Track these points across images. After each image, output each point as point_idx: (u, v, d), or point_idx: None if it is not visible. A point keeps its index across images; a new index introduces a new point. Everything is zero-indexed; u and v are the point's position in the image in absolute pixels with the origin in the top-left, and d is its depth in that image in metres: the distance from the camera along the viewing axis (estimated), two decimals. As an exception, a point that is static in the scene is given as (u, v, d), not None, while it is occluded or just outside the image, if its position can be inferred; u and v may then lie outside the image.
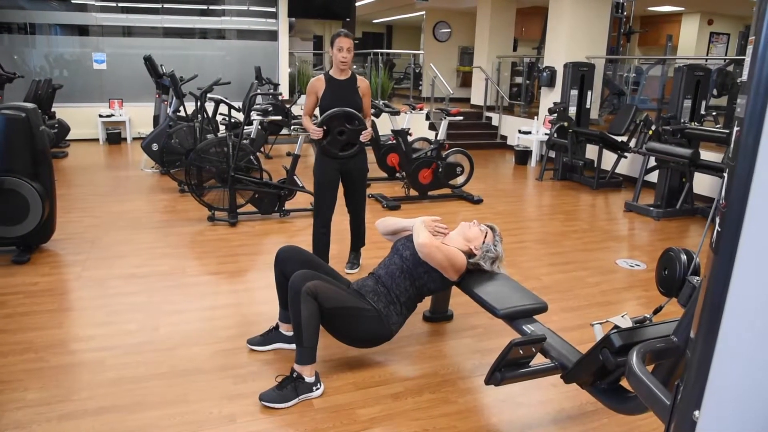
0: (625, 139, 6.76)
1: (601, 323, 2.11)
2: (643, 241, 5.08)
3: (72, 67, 9.38)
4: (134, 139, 9.32)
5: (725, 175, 1.16)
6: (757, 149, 1.04)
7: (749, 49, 1.10)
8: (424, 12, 13.52)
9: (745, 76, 1.12)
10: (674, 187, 5.77)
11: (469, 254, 2.80)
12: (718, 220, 1.16)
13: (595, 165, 6.94)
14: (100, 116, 9.02)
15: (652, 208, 5.71)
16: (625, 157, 6.83)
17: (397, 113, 5.89)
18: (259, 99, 8.45)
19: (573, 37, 8.15)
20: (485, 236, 2.85)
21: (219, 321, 3.14)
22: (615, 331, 1.78)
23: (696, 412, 1.21)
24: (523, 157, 8.50)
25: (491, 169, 8.20)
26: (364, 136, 3.48)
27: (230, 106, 5.09)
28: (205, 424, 2.24)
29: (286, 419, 2.30)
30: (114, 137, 9.05)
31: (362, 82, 3.54)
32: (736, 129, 1.12)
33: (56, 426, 2.19)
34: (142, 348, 2.80)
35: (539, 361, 2.27)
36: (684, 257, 1.74)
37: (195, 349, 2.81)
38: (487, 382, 2.14)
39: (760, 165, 1.05)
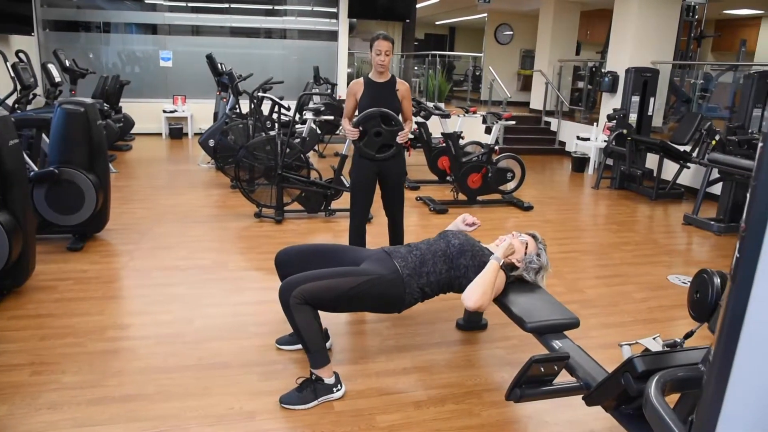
0: (688, 148, 6.43)
1: (630, 344, 2.00)
2: (701, 257, 4.81)
3: (141, 64, 9.82)
4: (195, 134, 9.64)
5: (748, 196, 1.07)
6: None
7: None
8: (486, 14, 13.32)
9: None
10: (739, 201, 5.42)
11: (511, 267, 2.71)
12: (737, 246, 1.07)
13: (655, 175, 6.63)
14: (164, 112, 9.38)
15: (713, 222, 5.40)
16: (688, 167, 6.49)
17: (448, 116, 5.82)
18: (316, 98, 8.56)
19: (638, 42, 7.81)
20: (526, 247, 2.74)
21: (253, 317, 3.18)
22: (638, 355, 1.67)
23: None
24: (580, 164, 8.23)
25: (546, 176, 7.99)
26: (401, 138, 3.45)
27: (280, 105, 5.17)
28: (225, 418, 2.28)
29: (304, 420, 2.30)
30: (176, 132, 9.40)
31: (401, 85, 3.51)
32: (760, 144, 1.03)
33: (85, 409, 2.28)
34: (175, 339, 2.88)
35: (567, 379, 2.18)
36: (717, 280, 1.63)
37: (225, 344, 2.86)
38: (507, 397, 2.07)
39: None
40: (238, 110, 6.83)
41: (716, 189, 5.79)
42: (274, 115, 6.73)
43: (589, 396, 1.93)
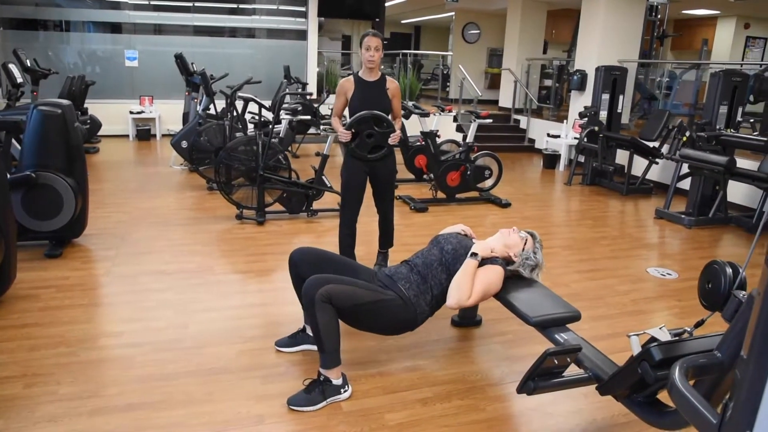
0: (656, 144, 6.63)
1: (638, 335, 2.05)
2: (675, 250, 4.96)
3: (104, 64, 9.54)
4: (163, 135, 9.44)
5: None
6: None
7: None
8: (453, 13, 13.42)
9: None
10: (707, 195, 5.63)
11: (508, 261, 2.76)
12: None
13: (626, 171, 6.81)
14: (131, 113, 9.15)
15: (683, 216, 5.58)
16: (656, 163, 6.69)
17: (427, 115, 5.86)
18: (287, 98, 8.48)
19: (605, 41, 8.01)
20: (525, 243, 2.81)
21: (246, 320, 3.14)
22: (655, 344, 1.72)
23: (748, 432, 1.17)
24: (551, 161, 8.39)
25: (519, 173, 8.11)
26: (393, 139, 3.46)
27: (261, 105, 5.11)
28: (233, 423, 2.24)
29: (314, 421, 2.28)
30: (144, 134, 9.18)
31: (391, 84, 3.53)
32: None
33: (87, 420, 2.21)
34: (171, 345, 2.82)
35: (572, 370, 2.22)
36: (729, 271, 1.69)
37: (222, 348, 2.82)
38: (520, 390, 2.10)
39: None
40: (213, 111, 6.71)
41: (685, 184, 5.99)
42: (248, 116, 6.66)
43: (603, 386, 1.97)
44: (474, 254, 2.62)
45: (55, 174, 3.82)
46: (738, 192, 5.99)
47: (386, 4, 11.77)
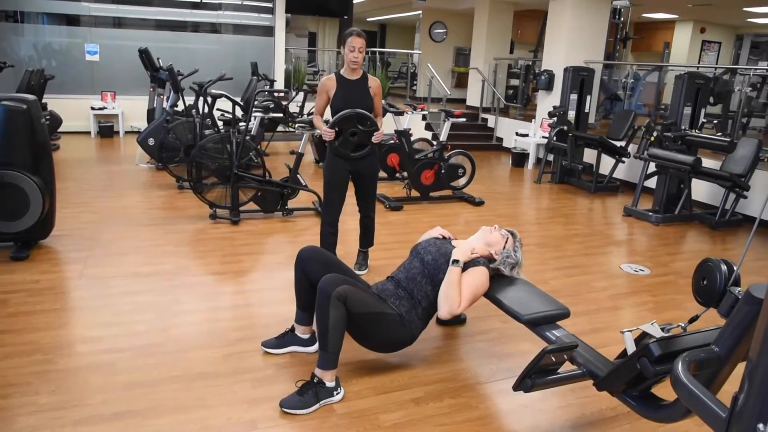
0: (623, 144, 6.80)
1: (630, 331, 2.09)
2: (644, 246, 5.10)
3: (63, 58, 9.18)
4: (127, 132, 9.18)
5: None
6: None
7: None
8: (420, 12, 13.46)
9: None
10: (672, 193, 5.81)
11: (490, 259, 2.78)
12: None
13: (594, 169, 6.96)
14: (92, 109, 8.85)
15: (651, 214, 5.74)
16: (623, 162, 6.86)
17: (402, 113, 5.86)
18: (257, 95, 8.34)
19: (572, 42, 8.16)
20: (506, 242, 2.85)
21: (228, 322, 3.08)
22: (654, 340, 1.76)
23: (761, 425, 1.20)
24: (519, 159, 8.50)
25: (489, 172, 8.19)
26: (376, 138, 3.45)
27: (235, 102, 5.01)
28: (226, 429, 2.19)
29: (308, 424, 2.25)
30: (106, 130, 8.89)
31: (373, 82, 3.51)
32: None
33: (72, 431, 2.12)
34: (153, 350, 2.74)
35: (565, 367, 2.26)
36: (724, 268, 1.73)
37: (207, 352, 2.75)
38: (516, 388, 2.12)
39: None
40: (182, 107, 6.54)
41: (650, 182, 6.16)
42: (217, 113, 6.54)
43: (601, 381, 2.00)
44: (456, 261, 2.62)
45: (20, 172, 3.66)
46: (700, 190, 6.19)
47: (354, 1, 11.72)
